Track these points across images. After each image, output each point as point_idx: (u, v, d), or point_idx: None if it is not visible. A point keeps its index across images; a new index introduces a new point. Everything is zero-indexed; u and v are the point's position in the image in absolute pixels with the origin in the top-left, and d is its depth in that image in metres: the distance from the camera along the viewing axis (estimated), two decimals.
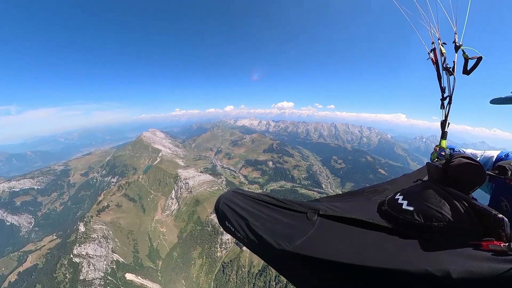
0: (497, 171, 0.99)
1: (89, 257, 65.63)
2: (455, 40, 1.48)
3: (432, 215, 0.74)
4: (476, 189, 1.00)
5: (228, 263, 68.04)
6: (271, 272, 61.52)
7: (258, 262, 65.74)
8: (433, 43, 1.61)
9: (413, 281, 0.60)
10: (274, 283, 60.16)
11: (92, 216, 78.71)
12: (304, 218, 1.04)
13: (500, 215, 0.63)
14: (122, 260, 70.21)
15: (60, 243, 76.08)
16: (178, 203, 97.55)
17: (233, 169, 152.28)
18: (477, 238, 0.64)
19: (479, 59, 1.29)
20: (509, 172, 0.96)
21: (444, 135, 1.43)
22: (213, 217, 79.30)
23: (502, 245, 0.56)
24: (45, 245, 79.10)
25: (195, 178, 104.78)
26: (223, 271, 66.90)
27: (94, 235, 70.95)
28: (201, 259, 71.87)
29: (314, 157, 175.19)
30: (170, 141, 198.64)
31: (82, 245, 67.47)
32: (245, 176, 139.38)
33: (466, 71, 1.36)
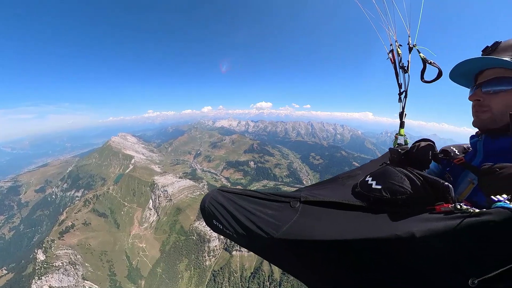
0: (442, 154, 1.25)
1: None
2: (408, 42, 1.73)
3: (396, 190, 0.87)
4: (430, 164, 1.27)
5: (218, 270, 65.16)
6: (264, 273, 60.77)
7: (249, 264, 64.34)
8: (391, 45, 1.87)
9: (386, 245, 0.72)
10: (268, 283, 59.51)
11: (53, 240, 67.71)
12: (288, 207, 1.12)
13: (446, 183, 0.80)
14: (97, 287, 61.74)
15: (13, 279, 63.02)
16: (157, 213, 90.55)
17: (214, 172, 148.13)
18: (432, 203, 0.79)
19: (439, 73, 1.40)
20: (452, 154, 1.25)
21: (402, 125, 1.70)
22: (198, 224, 75.47)
23: (449, 206, 0.71)
24: None
25: (174, 185, 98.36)
26: (214, 280, 63.94)
27: (58, 263, 60.95)
28: (189, 271, 67.49)
29: (293, 155, 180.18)
30: (143, 145, 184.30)
31: (43, 277, 57.12)
32: (227, 178, 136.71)
33: (423, 78, 1.49)
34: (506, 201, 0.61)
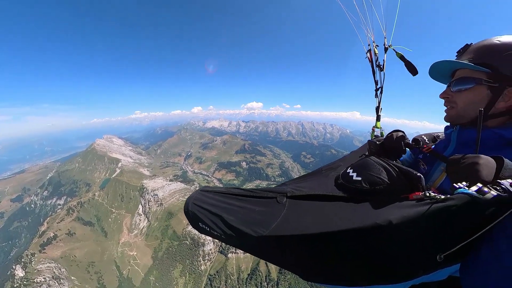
0: (414, 143, 1.35)
1: None
2: (384, 43, 1.96)
3: (375, 181, 0.94)
4: (404, 153, 1.37)
5: (214, 275, 63.61)
6: (261, 273, 60.29)
7: (246, 266, 63.53)
8: (369, 45, 2.07)
9: (368, 233, 0.80)
10: (265, 283, 58.98)
11: (33, 254, 62.69)
12: (275, 203, 1.13)
13: (418, 174, 0.88)
14: None
15: None
16: (148, 219, 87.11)
17: (205, 173, 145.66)
18: (406, 192, 0.87)
19: (414, 70, 1.62)
20: (421, 143, 1.34)
21: (378, 118, 1.90)
22: (191, 228, 72.54)
23: (420, 194, 0.81)
24: None
25: (164, 188, 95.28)
26: (211, 284, 62.33)
27: (40, 279, 56.51)
28: (183, 277, 65.35)
29: (285, 154, 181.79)
30: (131, 148, 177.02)
31: None
32: (219, 180, 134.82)
33: (412, 71, 1.65)
34: (466, 187, 0.71)
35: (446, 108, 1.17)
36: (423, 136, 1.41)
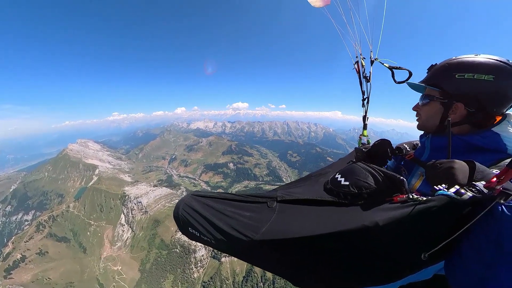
0: (397, 151, 1.49)
1: None
2: (371, 56, 2.08)
3: (362, 185, 0.98)
4: (390, 159, 1.51)
5: (209, 281, 61.86)
6: (256, 274, 59.95)
7: (241, 268, 62.72)
8: (357, 57, 2.21)
9: (356, 235, 0.83)
10: (261, 283, 58.76)
11: None
12: (265, 207, 1.15)
13: (402, 178, 0.94)
14: None
15: None
16: (132, 229, 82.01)
17: (192, 176, 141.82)
18: (390, 195, 0.92)
19: (409, 74, 1.71)
20: (404, 151, 1.50)
21: (365, 127, 2.05)
22: (180, 235, 70.52)
23: (404, 196, 0.86)
24: None
25: (149, 194, 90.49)
26: None
27: None
28: (175, 287, 62.60)
29: (271, 154, 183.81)
30: (109, 153, 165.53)
31: None
32: (206, 182, 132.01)
33: (395, 81, 1.81)
34: (445, 189, 0.77)
35: (416, 118, 1.40)
36: (404, 145, 1.57)
